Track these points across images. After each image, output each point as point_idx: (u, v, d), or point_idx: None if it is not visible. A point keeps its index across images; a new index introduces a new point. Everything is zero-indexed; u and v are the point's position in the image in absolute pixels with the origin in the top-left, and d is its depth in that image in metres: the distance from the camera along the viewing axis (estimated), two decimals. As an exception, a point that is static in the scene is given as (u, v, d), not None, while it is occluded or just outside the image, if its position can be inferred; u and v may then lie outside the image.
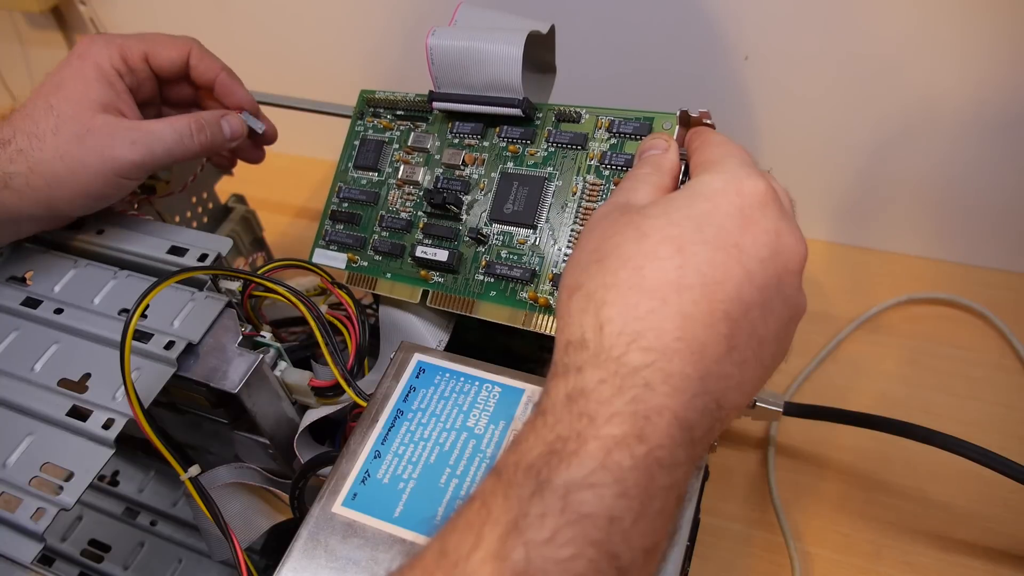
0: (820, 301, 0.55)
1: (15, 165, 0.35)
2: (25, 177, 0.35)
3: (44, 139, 0.35)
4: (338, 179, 0.42)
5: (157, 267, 0.38)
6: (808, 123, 0.54)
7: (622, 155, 0.35)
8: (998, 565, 0.41)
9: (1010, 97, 0.47)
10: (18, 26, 0.77)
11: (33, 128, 0.35)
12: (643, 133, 0.35)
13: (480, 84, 0.36)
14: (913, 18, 0.46)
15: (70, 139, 0.35)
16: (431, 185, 0.39)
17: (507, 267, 0.36)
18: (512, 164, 0.37)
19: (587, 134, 0.36)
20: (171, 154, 0.37)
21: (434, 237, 0.38)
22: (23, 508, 0.30)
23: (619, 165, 0.35)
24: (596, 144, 0.36)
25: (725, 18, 0.51)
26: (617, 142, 0.35)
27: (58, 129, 0.35)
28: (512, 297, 0.36)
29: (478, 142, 0.38)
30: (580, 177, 0.36)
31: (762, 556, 0.42)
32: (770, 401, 0.40)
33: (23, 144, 0.35)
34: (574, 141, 0.36)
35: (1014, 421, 0.47)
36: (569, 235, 0.35)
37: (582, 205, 0.35)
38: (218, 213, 0.55)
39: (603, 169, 0.35)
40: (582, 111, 0.36)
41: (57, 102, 0.36)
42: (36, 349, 0.35)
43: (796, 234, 0.26)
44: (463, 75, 0.36)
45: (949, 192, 0.54)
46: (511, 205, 0.37)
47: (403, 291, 0.39)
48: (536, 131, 0.37)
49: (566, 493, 0.21)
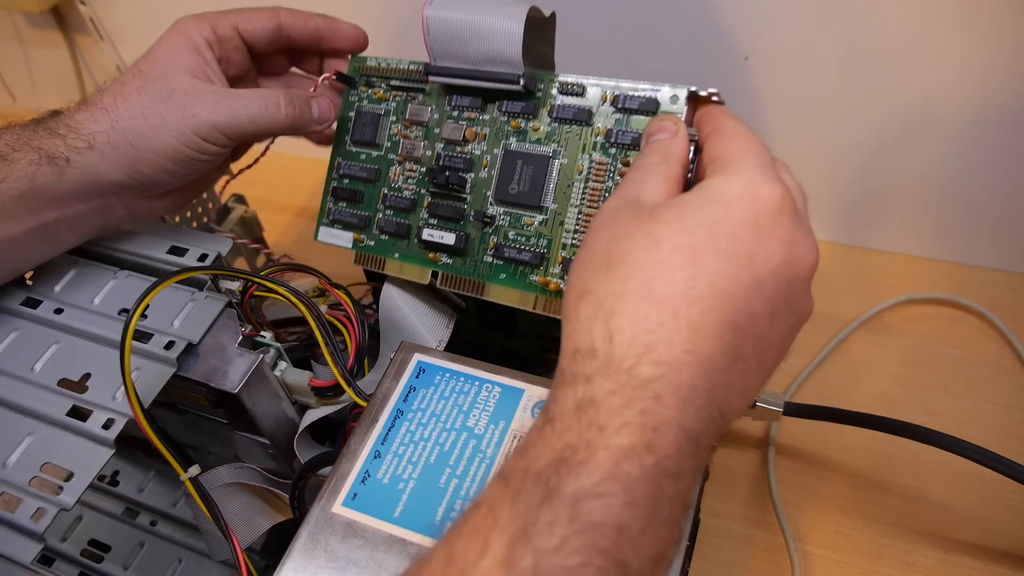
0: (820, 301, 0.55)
1: (98, 124, 0.35)
2: (107, 135, 0.35)
3: (129, 97, 0.35)
4: (337, 154, 0.41)
5: (157, 267, 0.38)
6: (808, 123, 0.54)
7: (628, 132, 0.34)
8: (998, 565, 0.41)
9: (1011, 97, 0.47)
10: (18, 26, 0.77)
11: (119, 88, 0.36)
12: (649, 109, 0.34)
13: (478, 58, 0.35)
14: (913, 18, 0.46)
15: (154, 97, 0.35)
16: (433, 162, 0.38)
17: (516, 250, 0.36)
18: (515, 140, 0.37)
19: (591, 109, 0.35)
20: (255, 121, 0.36)
21: (440, 218, 0.38)
22: (23, 508, 0.30)
23: (625, 143, 0.34)
24: (601, 119, 0.35)
25: (725, 18, 0.51)
26: (623, 118, 0.34)
27: (143, 88, 0.36)
28: (522, 280, 0.36)
29: (478, 115, 0.37)
30: (586, 155, 0.35)
31: (762, 556, 0.42)
32: (770, 401, 0.40)
33: (108, 103, 0.35)
34: (578, 116, 0.35)
35: (1014, 421, 0.47)
36: (576, 217, 0.35)
37: (589, 185, 0.35)
38: (218, 213, 0.55)
39: (609, 147, 0.34)
40: (586, 84, 0.35)
41: (146, 66, 0.37)
42: (36, 349, 0.35)
43: (809, 240, 0.26)
44: (461, 48, 0.35)
45: (949, 192, 0.54)
46: (516, 186, 0.36)
47: (412, 272, 0.39)
48: (538, 105, 0.36)
49: (575, 502, 0.21)
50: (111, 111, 0.35)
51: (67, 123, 0.35)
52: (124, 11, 0.71)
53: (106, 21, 0.72)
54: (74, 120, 0.35)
